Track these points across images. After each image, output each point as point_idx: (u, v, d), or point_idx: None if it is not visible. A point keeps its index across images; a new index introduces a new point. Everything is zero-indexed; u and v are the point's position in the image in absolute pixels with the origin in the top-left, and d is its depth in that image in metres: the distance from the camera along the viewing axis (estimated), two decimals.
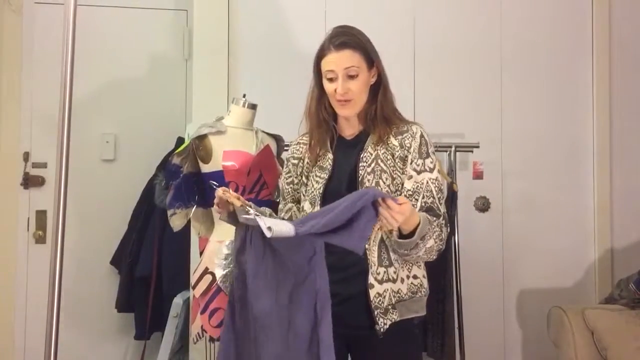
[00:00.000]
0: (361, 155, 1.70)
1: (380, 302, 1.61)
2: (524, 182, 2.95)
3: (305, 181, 1.77)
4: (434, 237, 1.58)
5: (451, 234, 2.53)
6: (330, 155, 1.74)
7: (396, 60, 2.84)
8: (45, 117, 2.90)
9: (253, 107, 2.25)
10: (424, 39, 2.90)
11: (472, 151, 2.76)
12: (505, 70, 2.96)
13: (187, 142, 2.20)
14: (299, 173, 1.80)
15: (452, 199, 2.51)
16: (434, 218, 1.60)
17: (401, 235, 1.54)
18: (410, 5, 2.90)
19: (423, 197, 1.64)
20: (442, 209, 1.66)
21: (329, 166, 1.73)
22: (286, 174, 1.84)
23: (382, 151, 1.68)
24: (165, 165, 2.64)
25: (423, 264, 1.74)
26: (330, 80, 1.69)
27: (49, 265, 1.38)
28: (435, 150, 2.61)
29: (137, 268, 2.77)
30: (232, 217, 1.61)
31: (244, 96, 2.28)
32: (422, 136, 1.70)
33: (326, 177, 1.71)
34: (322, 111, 1.76)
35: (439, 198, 1.66)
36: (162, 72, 3.07)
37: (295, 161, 1.82)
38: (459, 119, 2.90)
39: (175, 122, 3.00)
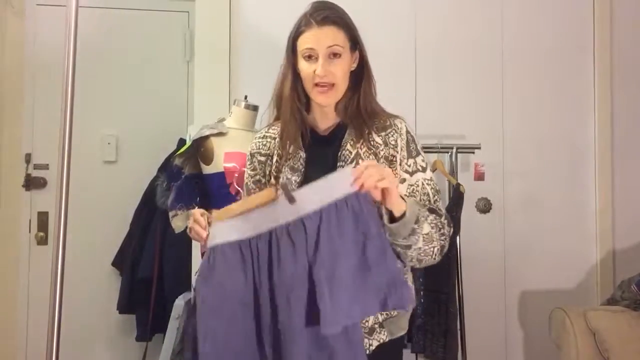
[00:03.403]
0: (339, 154, 1.47)
1: (364, 321, 1.42)
2: (526, 183, 2.94)
3: (274, 182, 1.53)
4: (432, 226, 1.39)
5: (455, 234, 2.53)
6: (302, 154, 1.50)
7: (397, 61, 2.85)
8: (46, 118, 2.91)
9: (255, 108, 2.26)
10: (425, 40, 2.90)
11: (473, 152, 2.76)
12: (506, 71, 2.96)
13: (188, 143, 2.21)
14: (267, 172, 1.55)
15: (457, 200, 2.51)
16: (435, 215, 1.42)
17: (394, 220, 1.33)
18: (411, 6, 2.90)
19: (420, 200, 1.47)
20: (442, 209, 1.48)
21: (301, 167, 1.49)
22: (251, 170, 1.59)
23: (363, 149, 1.47)
24: (166, 167, 2.65)
25: (410, 277, 1.54)
26: (309, 58, 1.47)
27: (50, 267, 1.38)
28: (437, 152, 2.68)
29: (139, 269, 2.77)
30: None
31: (246, 98, 2.28)
32: (407, 132, 1.51)
33: (298, 181, 1.47)
34: (295, 99, 1.52)
35: (435, 200, 1.47)
36: (164, 73, 3.08)
37: (263, 158, 1.57)
38: (460, 120, 2.90)
39: (176, 123, 3.00)
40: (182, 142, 2.79)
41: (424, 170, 1.49)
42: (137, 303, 2.81)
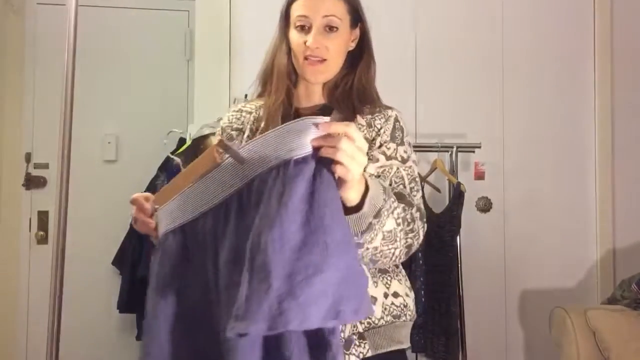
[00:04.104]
0: None
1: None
2: (526, 182, 2.94)
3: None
4: (399, 222, 1.10)
5: (455, 234, 2.53)
6: None
7: (397, 60, 2.85)
8: (47, 117, 2.91)
9: None
10: (425, 39, 2.90)
11: (473, 151, 2.76)
12: (507, 70, 2.95)
13: (188, 142, 2.21)
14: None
15: (458, 199, 2.51)
16: (408, 207, 1.16)
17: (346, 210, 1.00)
18: (412, 5, 2.89)
19: (391, 184, 1.22)
20: (416, 200, 1.21)
21: None
22: None
23: None
24: (167, 166, 2.65)
25: (404, 278, 1.31)
26: (301, 29, 1.29)
27: (50, 266, 1.38)
28: (437, 151, 2.67)
29: (139, 268, 2.77)
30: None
31: (246, 97, 2.28)
32: (397, 120, 1.31)
33: None
34: (287, 72, 1.35)
35: (411, 188, 1.22)
36: (164, 72, 3.07)
37: (234, 133, 1.36)
38: (461, 119, 2.90)
39: (176, 122, 3.00)
40: (182, 141, 2.79)
41: (404, 161, 1.27)
42: (137, 302, 2.80)
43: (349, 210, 1.00)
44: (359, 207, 1.00)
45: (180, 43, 3.09)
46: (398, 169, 1.24)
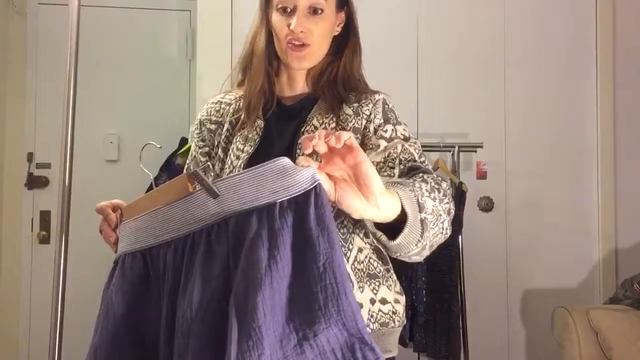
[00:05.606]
0: (302, 129, 1.21)
1: None
2: (528, 182, 2.94)
3: (222, 156, 1.26)
4: (433, 197, 1.04)
5: (457, 233, 2.53)
6: (260, 123, 1.24)
7: (399, 59, 2.84)
8: (49, 117, 2.91)
9: None
10: (427, 38, 2.89)
11: (475, 151, 2.76)
12: (509, 69, 2.95)
13: (190, 142, 2.20)
14: (215, 143, 1.29)
15: (460, 199, 2.51)
16: (426, 175, 1.10)
17: (395, 231, 0.98)
18: (414, 5, 2.89)
19: (400, 162, 1.16)
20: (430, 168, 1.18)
21: (256, 137, 1.23)
22: (200, 141, 1.33)
23: (331, 125, 1.21)
24: (168, 166, 2.65)
25: (394, 283, 1.22)
26: (284, 11, 1.21)
27: (52, 266, 1.38)
28: (439, 150, 2.67)
29: None
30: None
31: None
32: (385, 103, 1.24)
33: (250, 152, 1.21)
34: (267, 58, 1.27)
35: (422, 162, 1.18)
36: (166, 72, 3.08)
37: (213, 126, 1.30)
38: (463, 119, 2.89)
39: (178, 122, 3.00)
40: (184, 141, 2.79)
41: (406, 139, 1.21)
42: None
43: (396, 229, 0.96)
44: (403, 215, 0.95)
45: (183, 43, 3.09)
46: (403, 146, 1.18)
